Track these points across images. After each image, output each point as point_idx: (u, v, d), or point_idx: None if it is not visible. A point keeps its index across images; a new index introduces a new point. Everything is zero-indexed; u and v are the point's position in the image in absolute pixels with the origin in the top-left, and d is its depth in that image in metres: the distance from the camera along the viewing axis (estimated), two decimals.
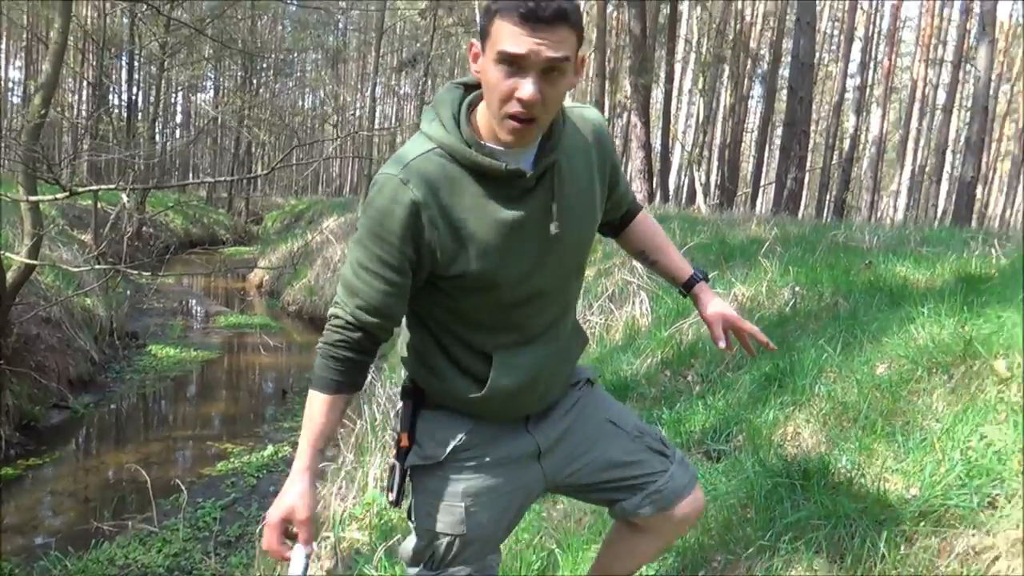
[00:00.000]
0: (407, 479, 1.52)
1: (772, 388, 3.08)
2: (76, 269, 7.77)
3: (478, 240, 1.33)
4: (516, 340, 1.43)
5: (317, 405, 1.37)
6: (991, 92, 17.41)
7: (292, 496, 1.33)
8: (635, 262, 5.37)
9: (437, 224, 1.32)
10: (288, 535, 1.34)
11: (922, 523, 1.97)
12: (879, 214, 26.98)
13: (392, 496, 1.50)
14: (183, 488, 4.71)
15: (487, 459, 1.49)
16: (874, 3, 27.39)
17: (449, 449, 1.47)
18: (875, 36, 27.89)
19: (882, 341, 3.07)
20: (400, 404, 1.54)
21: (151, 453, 6.15)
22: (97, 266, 8.36)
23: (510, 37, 1.21)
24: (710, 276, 1.69)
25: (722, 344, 1.62)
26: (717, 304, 1.65)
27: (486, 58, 1.27)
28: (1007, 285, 3.28)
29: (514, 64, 1.22)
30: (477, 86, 1.35)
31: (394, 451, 1.52)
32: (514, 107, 1.24)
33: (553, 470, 1.55)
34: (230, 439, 6.44)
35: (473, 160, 1.31)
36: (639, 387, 3.79)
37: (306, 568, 1.32)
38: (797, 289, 4.25)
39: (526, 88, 1.22)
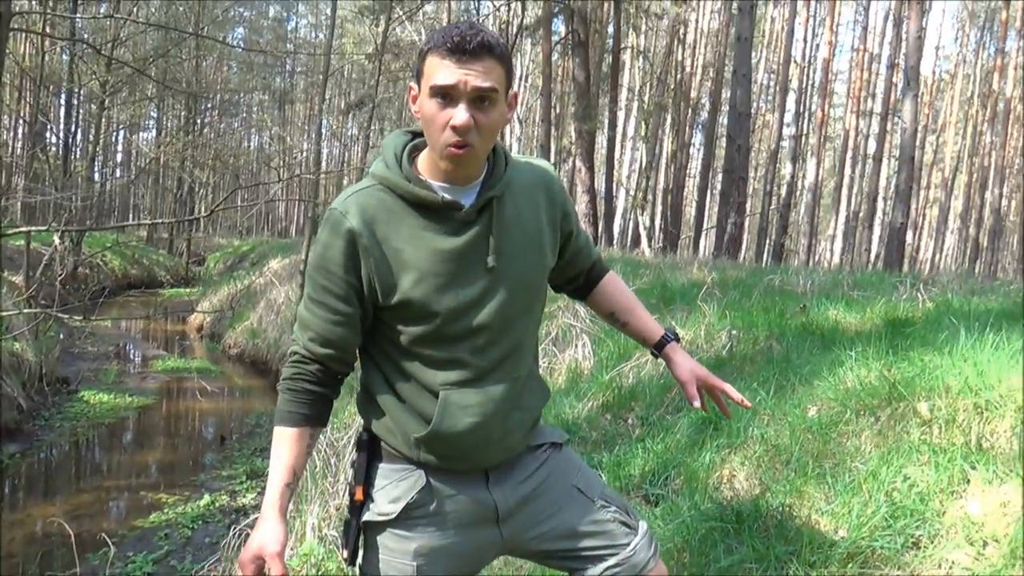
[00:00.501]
0: (361, 535, 1.48)
1: (708, 431, 3.13)
2: (4, 313, 7.51)
3: (414, 269, 1.36)
4: (462, 378, 1.41)
5: (281, 440, 1.41)
6: (917, 142, 18.23)
7: (261, 533, 1.34)
8: (581, 307, 5.45)
9: (373, 253, 1.36)
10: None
11: (850, 564, 2.02)
12: (816, 257, 27.83)
13: (346, 554, 1.46)
14: (110, 543, 4.52)
15: (442, 518, 1.46)
16: (807, 57, 28.60)
17: (403, 506, 1.44)
18: (809, 88, 29.09)
19: (813, 384, 3.15)
20: (355, 455, 1.51)
21: (81, 505, 5.90)
22: (27, 309, 8.07)
23: (440, 70, 1.29)
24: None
25: (697, 404, 1.63)
26: (689, 364, 1.66)
27: (422, 95, 1.34)
28: (930, 329, 3.42)
29: (446, 96, 1.30)
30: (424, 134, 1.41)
31: (348, 505, 1.49)
32: (450, 136, 1.31)
33: (512, 534, 1.51)
34: (165, 489, 6.22)
35: (411, 192, 1.37)
36: (581, 431, 3.81)
37: None
38: (734, 333, 4.35)
39: (459, 115, 1.29)
